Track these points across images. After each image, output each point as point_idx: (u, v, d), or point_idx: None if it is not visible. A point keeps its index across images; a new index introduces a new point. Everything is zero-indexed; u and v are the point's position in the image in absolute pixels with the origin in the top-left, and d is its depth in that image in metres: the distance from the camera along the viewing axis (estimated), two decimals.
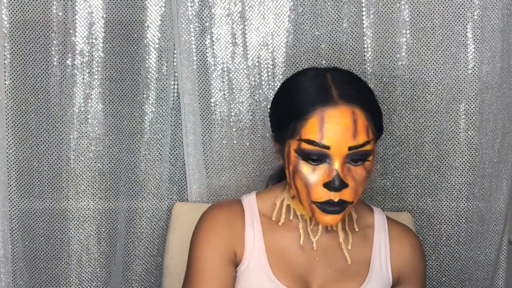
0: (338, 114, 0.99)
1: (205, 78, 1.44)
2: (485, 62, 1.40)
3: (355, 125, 0.99)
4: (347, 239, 1.13)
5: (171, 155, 1.48)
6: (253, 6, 1.41)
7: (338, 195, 1.00)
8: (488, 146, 1.43)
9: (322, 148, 0.99)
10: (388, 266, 1.14)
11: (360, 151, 1.00)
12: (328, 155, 0.99)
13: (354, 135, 0.99)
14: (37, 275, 1.48)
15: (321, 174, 1.01)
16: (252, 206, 1.15)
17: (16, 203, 1.44)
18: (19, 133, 1.42)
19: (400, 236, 1.17)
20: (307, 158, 1.01)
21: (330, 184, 1.00)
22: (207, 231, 1.12)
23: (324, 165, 1.01)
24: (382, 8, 1.40)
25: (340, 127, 0.99)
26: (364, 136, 1.00)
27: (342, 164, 1.00)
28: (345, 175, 1.00)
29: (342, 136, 0.98)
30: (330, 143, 0.99)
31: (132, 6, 1.41)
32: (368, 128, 1.01)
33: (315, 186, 1.01)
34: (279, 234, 1.12)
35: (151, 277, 1.51)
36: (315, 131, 0.99)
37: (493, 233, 1.47)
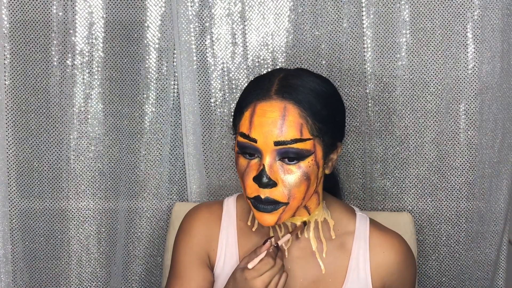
0: (268, 108, 0.97)
1: (205, 78, 1.44)
2: (485, 62, 1.40)
3: (283, 119, 0.96)
4: (321, 247, 1.08)
5: (171, 155, 1.48)
6: (253, 6, 1.41)
7: (266, 192, 0.98)
8: (488, 146, 1.43)
9: (251, 142, 0.97)
10: (368, 277, 1.08)
11: (289, 148, 0.96)
12: (258, 149, 0.98)
13: (280, 129, 0.96)
14: (37, 275, 1.48)
15: (253, 168, 0.99)
16: (230, 210, 1.14)
17: (16, 203, 1.45)
18: (19, 133, 1.42)
19: (382, 244, 1.10)
20: (243, 152, 1.00)
21: (257, 178, 0.97)
22: (184, 233, 1.14)
23: (256, 160, 0.99)
24: (382, 8, 1.40)
25: (267, 120, 0.96)
26: (294, 133, 0.96)
27: (271, 159, 0.97)
28: (274, 172, 0.97)
29: (268, 129, 0.96)
30: (256, 136, 0.97)
31: (132, 6, 1.41)
32: (302, 126, 0.97)
33: (247, 180, 0.99)
34: (253, 240, 1.11)
35: (151, 277, 1.51)
36: (246, 123, 0.98)
37: (493, 233, 1.46)
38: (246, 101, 1.01)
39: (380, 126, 1.44)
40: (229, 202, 1.16)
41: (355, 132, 1.43)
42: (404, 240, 1.13)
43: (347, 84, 1.42)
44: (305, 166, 0.98)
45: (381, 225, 1.15)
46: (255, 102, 0.99)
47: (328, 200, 1.13)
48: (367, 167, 1.46)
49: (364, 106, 1.43)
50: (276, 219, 1.00)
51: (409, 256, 1.11)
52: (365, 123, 1.43)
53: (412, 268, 1.12)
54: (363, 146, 1.45)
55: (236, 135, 1.03)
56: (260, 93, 0.99)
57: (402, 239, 1.12)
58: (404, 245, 1.12)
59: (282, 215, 1.00)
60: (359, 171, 1.46)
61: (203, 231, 1.13)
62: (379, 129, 1.44)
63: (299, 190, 0.99)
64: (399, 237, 1.12)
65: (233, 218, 1.13)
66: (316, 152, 0.99)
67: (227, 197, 1.18)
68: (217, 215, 1.14)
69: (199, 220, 1.13)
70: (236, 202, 1.16)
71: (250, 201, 1.01)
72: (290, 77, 1.02)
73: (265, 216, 1.00)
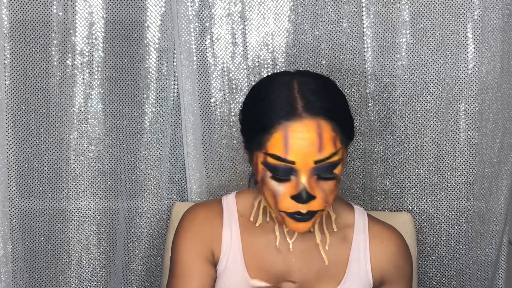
0: (302, 128, 0.97)
1: (205, 78, 1.44)
2: (485, 62, 1.40)
3: (320, 139, 0.97)
4: (325, 240, 1.11)
5: (171, 155, 1.48)
6: (253, 6, 1.41)
7: (306, 206, 0.99)
8: (488, 146, 1.43)
9: (288, 164, 0.98)
10: (368, 267, 1.12)
11: (327, 163, 0.98)
12: (294, 169, 0.98)
13: (319, 149, 0.97)
14: (37, 275, 1.48)
15: (288, 187, 0.99)
16: (231, 206, 1.15)
17: (16, 203, 1.45)
18: (19, 133, 1.42)
19: (381, 235, 1.14)
20: (273, 171, 1.00)
21: (297, 197, 0.99)
22: (185, 231, 1.13)
23: (292, 179, 0.99)
24: (382, 8, 1.40)
25: (305, 142, 0.96)
26: (331, 148, 0.98)
27: (308, 177, 0.98)
28: (312, 187, 0.98)
29: (307, 150, 0.96)
30: (295, 158, 0.97)
31: (132, 6, 1.41)
32: (335, 139, 0.98)
33: (283, 198, 1.00)
34: (256, 235, 1.12)
35: (151, 277, 1.51)
36: (280, 146, 0.97)
37: (493, 233, 1.46)
38: (272, 122, 0.99)
39: (380, 126, 1.44)
40: (228, 200, 1.16)
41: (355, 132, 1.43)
42: (400, 233, 1.17)
43: (347, 84, 1.42)
44: (337, 172, 1.01)
45: (377, 218, 1.18)
46: (284, 123, 0.97)
47: None
48: (367, 167, 1.46)
49: (364, 106, 1.43)
50: (310, 225, 1.03)
51: (406, 248, 1.16)
52: (365, 123, 1.43)
53: (409, 259, 1.16)
54: (363, 146, 1.45)
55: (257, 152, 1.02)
56: (288, 114, 0.98)
57: (398, 232, 1.17)
58: (401, 237, 1.16)
59: (315, 219, 1.03)
60: (359, 171, 1.46)
61: (206, 228, 1.12)
62: (379, 129, 1.44)
63: (332, 195, 1.02)
64: (396, 230, 1.17)
65: (235, 215, 1.14)
66: (343, 156, 1.02)
67: (224, 196, 1.18)
68: (218, 212, 1.14)
69: (200, 218, 1.13)
70: (236, 200, 1.16)
71: (284, 213, 1.02)
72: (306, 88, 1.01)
73: (301, 225, 1.02)
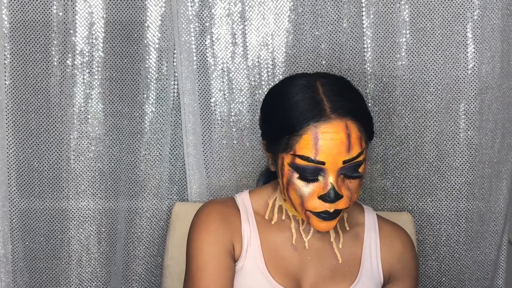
0: (331, 129, 0.99)
1: (205, 78, 1.44)
2: (485, 62, 1.40)
3: (348, 140, 1.00)
4: (338, 238, 1.14)
5: (171, 155, 1.48)
6: (253, 6, 1.41)
7: (333, 206, 1.02)
8: (488, 146, 1.43)
9: (317, 164, 1.00)
10: (379, 264, 1.15)
11: (354, 162, 1.01)
12: (322, 169, 1.00)
13: (348, 149, 1.00)
14: (37, 275, 1.48)
15: (316, 187, 1.02)
16: (246, 204, 1.15)
17: (16, 203, 1.45)
18: (19, 133, 1.42)
19: (390, 234, 1.18)
20: (301, 173, 1.02)
21: (325, 196, 1.01)
22: (204, 225, 1.11)
23: (321, 179, 1.02)
24: (382, 8, 1.40)
25: (334, 143, 0.99)
26: (358, 148, 1.01)
27: (336, 177, 1.01)
28: (339, 187, 1.01)
29: (337, 151, 0.99)
30: (325, 159, 0.99)
31: (132, 6, 1.41)
32: (361, 139, 1.02)
33: (310, 198, 1.02)
34: (273, 232, 1.13)
35: (151, 277, 1.51)
36: (310, 147, 1.00)
37: (493, 233, 1.47)
38: (300, 123, 1.01)
39: (380, 126, 1.44)
40: (242, 197, 1.16)
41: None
42: (407, 233, 1.21)
43: None
44: (362, 171, 1.03)
45: (385, 218, 1.22)
46: (313, 124, 1.00)
47: None
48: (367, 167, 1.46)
49: None
50: (335, 223, 1.05)
51: (413, 247, 1.20)
52: None
53: (416, 258, 1.20)
54: None
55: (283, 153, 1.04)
56: (316, 114, 1.00)
57: (406, 232, 1.21)
58: (408, 237, 1.20)
59: (339, 218, 1.06)
60: None
61: (225, 222, 1.11)
62: (379, 129, 1.44)
63: (357, 193, 1.05)
64: (404, 230, 1.21)
65: (251, 211, 1.14)
66: (367, 154, 1.04)
67: (237, 194, 1.18)
68: (235, 208, 1.15)
69: (217, 213, 1.12)
70: (250, 198, 1.17)
71: (310, 213, 1.04)
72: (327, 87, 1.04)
73: (326, 224, 1.04)
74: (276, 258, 1.12)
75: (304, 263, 1.12)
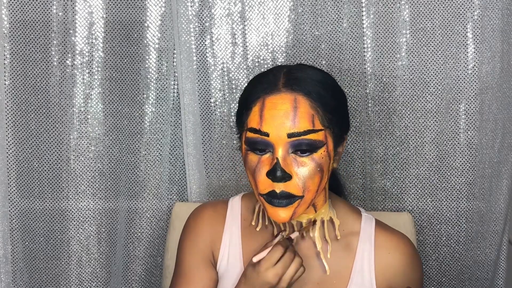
0: (278, 100, 0.96)
1: (205, 78, 1.44)
2: (485, 62, 1.40)
3: (294, 111, 0.95)
4: (326, 248, 1.07)
5: (171, 155, 1.48)
6: (253, 6, 1.41)
7: (281, 186, 0.96)
8: (488, 146, 1.43)
9: (263, 136, 0.96)
10: (372, 279, 1.06)
11: (303, 139, 0.95)
12: (269, 143, 0.96)
13: (293, 121, 0.95)
14: (37, 275, 1.48)
15: (265, 163, 0.97)
16: (235, 209, 1.14)
17: (16, 203, 1.45)
18: (19, 133, 1.42)
19: (387, 245, 1.08)
20: (253, 148, 0.98)
21: (271, 173, 0.96)
22: (188, 232, 1.13)
23: (268, 155, 0.97)
24: (382, 8, 1.40)
25: (278, 112, 0.96)
26: (306, 124, 0.95)
27: (284, 152, 0.96)
28: (288, 165, 0.96)
29: (280, 121, 0.95)
30: (268, 129, 0.95)
31: (132, 6, 1.41)
32: (314, 118, 0.96)
33: (259, 176, 0.98)
34: (257, 240, 1.10)
35: (151, 277, 1.51)
36: (256, 118, 0.97)
37: (493, 233, 1.46)
38: (252, 97, 0.99)
39: (380, 126, 1.44)
40: (234, 201, 1.15)
41: (355, 132, 1.43)
42: (410, 242, 1.10)
43: (347, 84, 1.42)
44: (318, 157, 0.97)
45: (386, 226, 1.13)
46: (263, 96, 0.98)
47: (333, 199, 1.11)
48: (367, 167, 1.46)
49: (364, 106, 1.43)
50: (291, 214, 0.98)
51: (415, 257, 1.09)
52: (365, 123, 1.43)
53: (418, 269, 1.09)
54: (363, 146, 1.45)
55: (242, 133, 1.02)
56: (268, 87, 0.98)
57: (408, 240, 1.10)
58: (410, 246, 1.09)
59: (297, 209, 0.99)
60: (359, 171, 1.46)
61: (208, 229, 1.12)
62: (379, 129, 1.44)
63: (313, 182, 0.98)
64: (405, 238, 1.10)
65: (237, 217, 1.13)
66: (327, 143, 0.98)
67: (232, 197, 1.17)
68: (222, 214, 1.13)
69: (204, 218, 1.13)
70: (241, 202, 1.15)
71: (263, 198, 0.99)
72: (294, 71, 1.02)
73: (280, 211, 0.98)
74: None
75: None
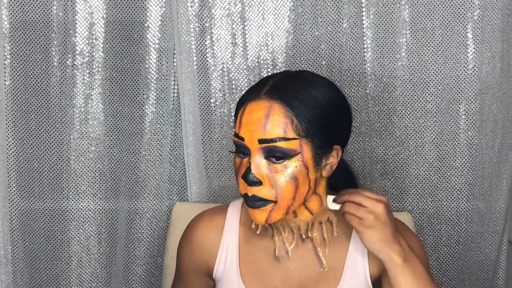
0: (255, 107, 0.99)
1: (205, 78, 1.44)
2: (485, 62, 1.40)
3: (266, 118, 0.97)
4: (324, 246, 1.09)
5: (171, 155, 1.48)
6: (253, 7, 1.41)
7: (253, 190, 0.99)
8: (488, 146, 1.43)
9: (240, 140, 0.99)
10: (366, 267, 1.09)
11: (273, 146, 0.97)
12: (246, 147, 0.99)
13: (264, 127, 0.97)
14: (37, 276, 1.48)
15: (244, 167, 1.00)
16: (234, 215, 1.14)
17: (16, 203, 1.45)
18: (19, 133, 1.42)
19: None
20: (238, 151, 1.01)
21: (244, 176, 0.99)
22: (186, 243, 1.15)
23: (247, 158, 1.00)
24: (382, 8, 1.40)
25: (252, 118, 0.98)
26: (277, 131, 0.97)
27: (258, 158, 0.98)
28: (259, 171, 0.98)
29: (252, 127, 0.98)
30: (244, 134, 0.99)
31: (133, 7, 1.41)
32: (287, 126, 0.98)
33: (239, 178, 1.01)
34: (255, 244, 1.11)
35: (151, 278, 1.51)
36: (237, 123, 1.01)
37: (493, 233, 1.47)
38: (240, 102, 1.03)
39: (380, 126, 1.44)
40: (234, 206, 1.16)
41: (355, 132, 1.43)
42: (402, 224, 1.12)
43: (347, 84, 1.42)
44: (291, 166, 0.98)
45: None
46: (246, 102, 1.01)
47: None
48: (367, 167, 1.46)
49: (364, 106, 1.43)
50: (265, 217, 1.00)
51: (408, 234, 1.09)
52: (365, 123, 1.44)
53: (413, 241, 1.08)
54: (363, 146, 1.45)
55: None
56: (252, 94, 1.01)
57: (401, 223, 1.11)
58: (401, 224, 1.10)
59: (271, 213, 1.00)
60: (359, 171, 1.46)
61: (204, 242, 1.13)
62: (379, 129, 1.44)
63: (286, 190, 0.99)
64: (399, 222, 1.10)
65: (236, 223, 1.13)
66: (303, 152, 0.99)
67: (233, 201, 1.18)
68: (220, 221, 1.14)
69: (200, 230, 1.14)
70: (242, 206, 1.15)
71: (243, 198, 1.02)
72: (286, 79, 1.03)
73: (255, 213, 1.01)
74: (256, 271, 1.10)
75: (286, 275, 1.10)
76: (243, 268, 1.10)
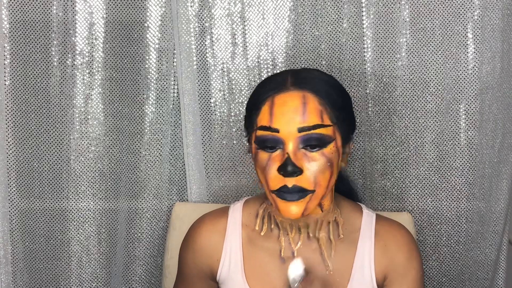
0: (287, 97, 0.99)
1: (205, 78, 1.44)
2: (485, 62, 1.40)
3: (304, 107, 0.98)
4: (330, 247, 1.09)
5: (171, 155, 1.48)
6: (253, 6, 1.41)
7: (293, 180, 0.97)
8: (488, 146, 1.43)
9: (273, 132, 0.98)
10: (372, 273, 1.09)
11: (312, 133, 0.98)
12: (280, 139, 0.98)
13: (303, 115, 0.97)
14: (37, 276, 1.48)
15: (275, 159, 0.99)
16: (236, 217, 1.14)
17: (16, 203, 1.44)
18: (19, 134, 1.42)
19: (385, 236, 1.11)
20: (263, 146, 1.00)
21: (282, 168, 0.97)
22: (187, 247, 1.14)
23: (279, 151, 0.99)
24: (382, 8, 1.40)
25: (288, 108, 0.98)
26: (315, 119, 0.98)
27: (295, 147, 0.98)
28: (299, 160, 0.98)
29: (291, 117, 0.97)
30: (279, 125, 0.98)
31: (132, 7, 1.41)
32: (323, 113, 0.99)
33: (271, 172, 0.99)
34: (260, 246, 1.11)
35: (151, 278, 1.51)
36: (266, 116, 0.99)
37: (493, 233, 1.46)
38: (262, 97, 1.02)
39: (380, 126, 1.44)
40: (235, 208, 1.15)
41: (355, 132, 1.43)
42: (407, 232, 1.13)
43: (347, 84, 1.42)
44: (327, 152, 0.99)
45: (386, 219, 1.15)
46: (272, 95, 1.00)
47: (336, 198, 1.13)
48: (367, 167, 1.46)
49: (364, 106, 1.43)
50: (302, 209, 0.99)
51: (410, 247, 1.11)
52: (365, 123, 1.44)
53: (412, 258, 1.11)
54: (363, 146, 1.45)
55: (252, 133, 1.03)
56: (276, 87, 1.01)
57: (405, 231, 1.13)
58: (406, 237, 1.12)
59: (308, 205, 1.00)
60: (359, 171, 1.46)
61: (206, 245, 1.12)
62: (379, 129, 1.44)
63: (324, 177, 0.99)
64: (402, 229, 1.13)
65: (238, 225, 1.13)
66: (336, 139, 1.01)
67: (233, 203, 1.17)
68: (222, 224, 1.13)
69: (202, 234, 1.13)
70: (243, 208, 1.15)
71: (274, 194, 1.00)
72: (300, 72, 1.05)
73: (292, 207, 0.99)
74: (261, 273, 1.09)
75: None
76: (248, 270, 1.10)
